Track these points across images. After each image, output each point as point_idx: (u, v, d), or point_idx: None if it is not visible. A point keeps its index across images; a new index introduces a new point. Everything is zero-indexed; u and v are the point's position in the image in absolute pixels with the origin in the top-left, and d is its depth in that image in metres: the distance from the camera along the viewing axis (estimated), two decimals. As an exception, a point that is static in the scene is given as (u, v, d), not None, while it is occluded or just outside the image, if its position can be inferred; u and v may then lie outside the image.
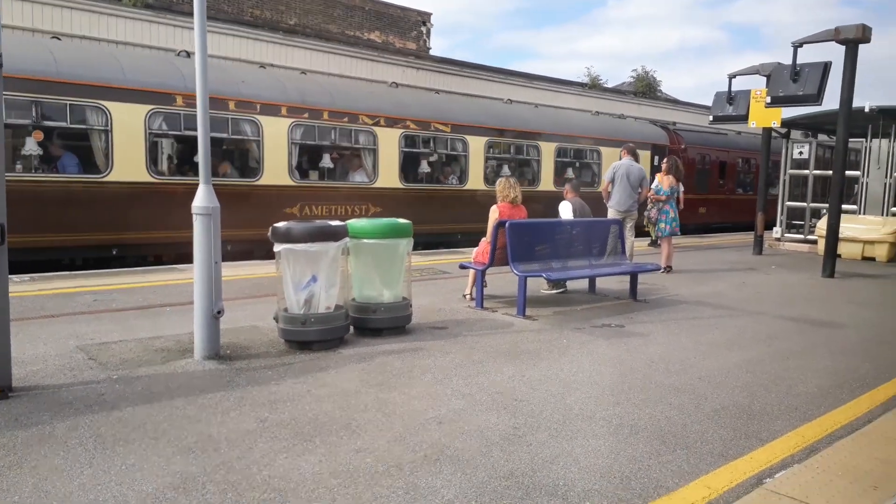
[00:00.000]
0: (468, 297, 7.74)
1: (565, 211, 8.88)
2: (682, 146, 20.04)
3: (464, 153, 14.34)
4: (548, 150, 15.86)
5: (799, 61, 11.10)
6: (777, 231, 15.48)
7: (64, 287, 7.77)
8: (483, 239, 7.78)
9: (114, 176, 9.92)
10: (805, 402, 4.51)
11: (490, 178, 14.42)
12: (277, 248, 5.22)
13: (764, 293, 9.02)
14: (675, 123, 21.31)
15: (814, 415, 4.26)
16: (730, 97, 13.70)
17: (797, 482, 3.28)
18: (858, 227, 13.16)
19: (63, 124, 9.66)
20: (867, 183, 14.14)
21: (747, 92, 13.35)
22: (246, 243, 10.46)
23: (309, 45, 19.67)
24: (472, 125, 14.42)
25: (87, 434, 3.58)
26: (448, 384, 4.61)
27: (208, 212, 4.96)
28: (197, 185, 5.04)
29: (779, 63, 11.79)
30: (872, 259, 12.92)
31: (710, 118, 14.72)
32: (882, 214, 13.75)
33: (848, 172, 12.52)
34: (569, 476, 3.27)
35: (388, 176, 12.97)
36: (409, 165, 13.54)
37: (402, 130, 13.16)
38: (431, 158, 14.12)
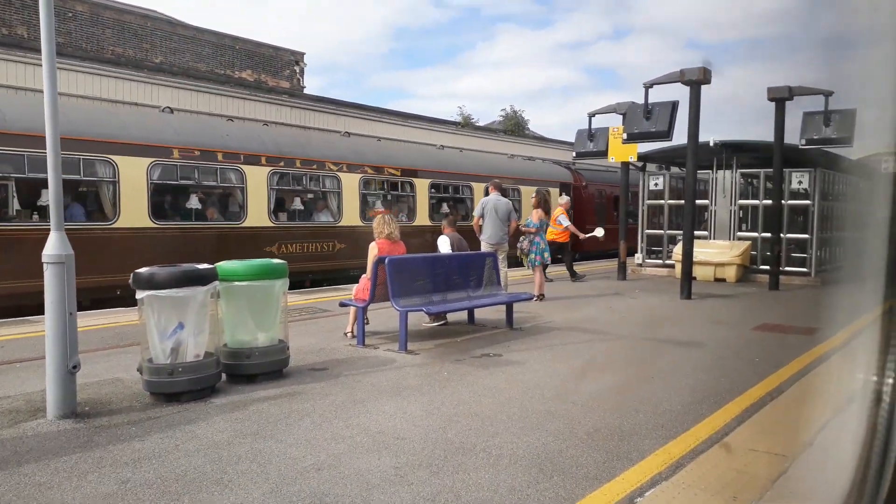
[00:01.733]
0: (349, 335, 7.64)
1: (443, 245, 9.05)
2: (584, 183, 22.23)
3: (412, 193, 16.05)
4: (479, 189, 17.40)
5: (651, 100, 12.01)
6: (639, 257, 16.48)
7: None
8: (363, 276, 7.73)
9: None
10: (671, 419, 4.77)
11: (432, 216, 16.11)
12: (140, 294, 4.93)
13: (630, 317, 9.53)
14: (574, 163, 22.72)
15: (679, 431, 4.51)
16: (590, 134, 14.59)
17: (664, 499, 3.45)
18: (710, 251, 14.28)
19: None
20: (715, 210, 15.41)
21: (606, 129, 14.26)
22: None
23: (176, 83, 18.96)
24: (415, 168, 16.22)
25: (-86, 515, 3.17)
26: (327, 428, 4.49)
27: (61, 260, 4.62)
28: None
29: (633, 102, 12.70)
30: (723, 280, 14.03)
31: (574, 154, 15.57)
32: (729, 239, 15.00)
33: (698, 201, 13.62)
34: (450, 512, 3.26)
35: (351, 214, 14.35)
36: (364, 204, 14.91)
37: (361, 175, 14.68)
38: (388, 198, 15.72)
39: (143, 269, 5.02)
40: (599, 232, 14.11)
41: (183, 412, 4.81)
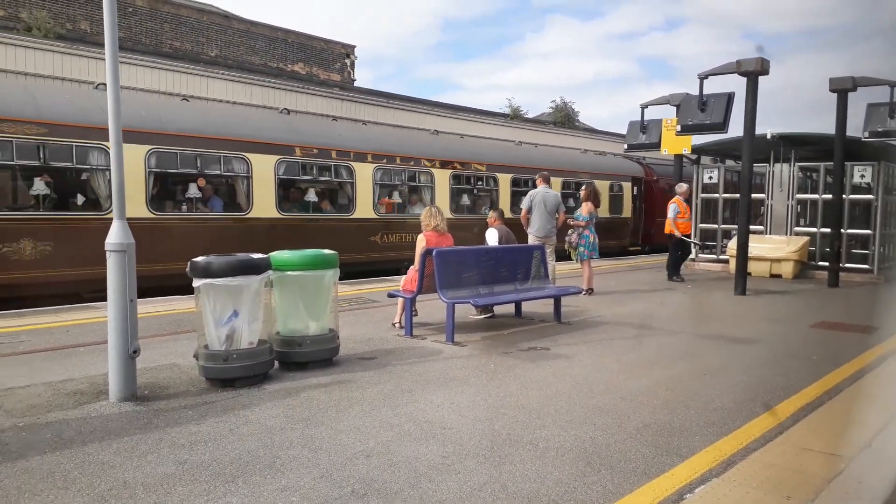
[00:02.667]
0: (397, 325, 7.72)
1: (491, 238, 9.04)
2: (655, 178, 22.41)
3: (495, 188, 16.66)
4: (556, 184, 17.67)
5: (705, 91, 11.73)
6: (692, 252, 16.14)
7: (-35, 331, 7.30)
8: (412, 267, 7.80)
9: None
10: (722, 416, 4.69)
11: (513, 209, 15.79)
12: (196, 283, 5.08)
13: (681, 312, 9.37)
14: (645, 158, 22.79)
15: (730, 429, 4.43)
16: (643, 126, 14.33)
17: (715, 496, 3.40)
18: (766, 246, 13.89)
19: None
20: (772, 205, 14.98)
21: (659, 121, 14.00)
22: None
23: (231, 76, 19.37)
24: (498, 164, 16.84)
25: (-12, 488, 3.36)
26: (376, 416, 4.56)
27: (123, 248, 4.79)
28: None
29: (687, 93, 12.43)
30: (779, 276, 13.65)
31: (625, 146, 15.32)
32: (786, 234, 14.57)
33: (754, 195, 13.26)
34: (497, 503, 3.28)
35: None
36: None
37: (451, 170, 15.52)
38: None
39: (199, 258, 5.17)
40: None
41: (237, 398, 4.95)
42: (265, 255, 5.50)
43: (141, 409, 4.64)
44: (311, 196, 12.97)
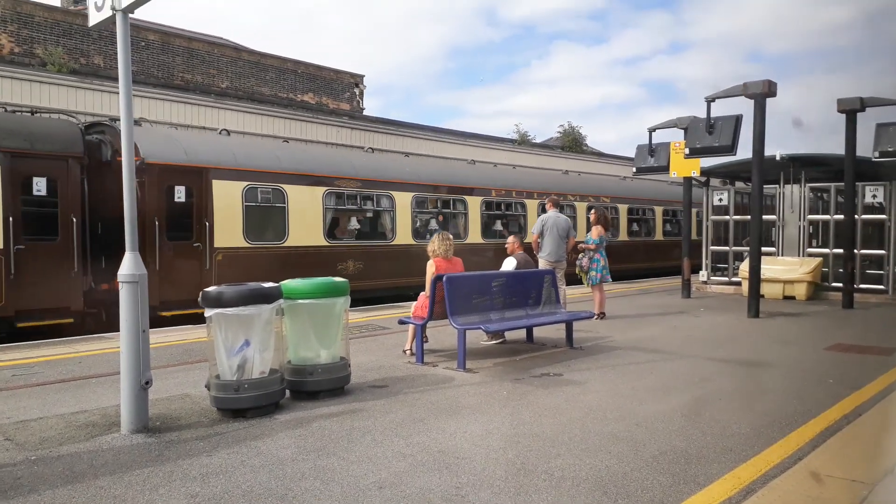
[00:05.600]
0: (408, 352, 7.68)
1: (509, 266, 8.97)
2: None
3: (523, 213, 17.43)
4: (623, 210, 20.51)
5: (713, 114, 11.76)
6: (703, 274, 16.06)
7: (-22, 363, 7.33)
8: (422, 293, 7.79)
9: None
10: (739, 442, 4.62)
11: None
12: (208, 312, 5.08)
13: (695, 336, 9.28)
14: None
15: (748, 455, 4.36)
16: (651, 149, 14.36)
17: (735, 524, 3.33)
18: (778, 268, 13.80)
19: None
20: (783, 226, 14.90)
21: (667, 144, 14.01)
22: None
23: (242, 107, 19.61)
24: (531, 191, 17.66)
25: (0, 523, 3.34)
26: (389, 445, 4.52)
27: (135, 279, 4.81)
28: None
29: (694, 116, 12.46)
30: (793, 298, 13.52)
31: (634, 170, 15.33)
32: (798, 255, 14.47)
33: (765, 217, 13.21)
34: (512, 534, 3.23)
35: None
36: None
37: (483, 198, 16.38)
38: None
39: (211, 288, 5.19)
40: None
41: (248, 428, 4.92)
42: (276, 284, 5.51)
43: (152, 441, 4.62)
44: (433, 225, 15.03)
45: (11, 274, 9.42)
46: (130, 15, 4.94)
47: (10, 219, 9.44)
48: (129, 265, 4.83)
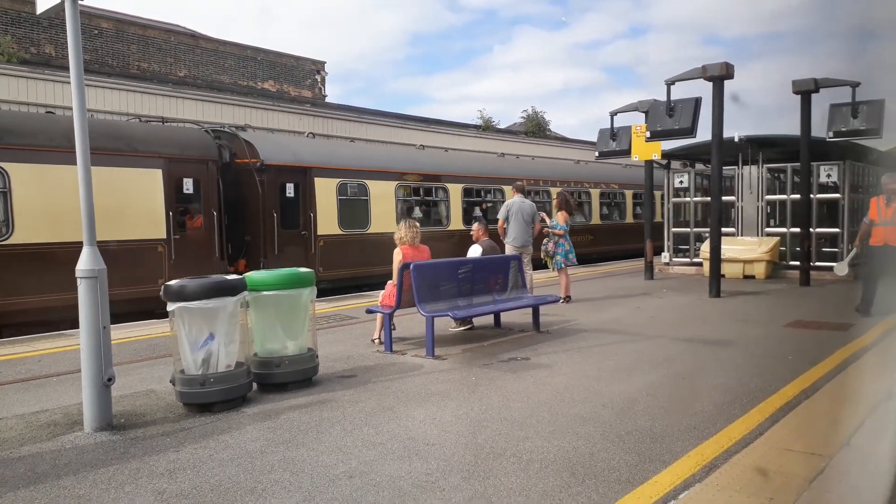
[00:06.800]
0: (377, 341, 7.67)
1: (475, 253, 8.99)
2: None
3: (549, 200, 18.69)
4: (629, 196, 22.51)
5: (673, 97, 11.89)
6: (665, 256, 16.32)
7: (-68, 365, 7.11)
8: (389, 282, 7.77)
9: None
10: (702, 420, 4.72)
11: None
12: (171, 307, 5.00)
13: (658, 316, 9.44)
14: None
15: (711, 432, 4.46)
16: (613, 133, 14.49)
17: (699, 502, 3.42)
18: (738, 248, 14.08)
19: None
20: (742, 207, 15.21)
21: (628, 128, 14.14)
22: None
23: (201, 96, 19.21)
24: (555, 179, 19.75)
25: (-40, 528, 3.26)
26: (358, 435, 4.52)
27: (94, 274, 4.71)
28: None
29: (655, 100, 12.59)
30: (752, 277, 13.83)
31: (597, 154, 15.47)
32: (757, 235, 14.79)
33: (724, 198, 13.45)
34: (483, 518, 3.26)
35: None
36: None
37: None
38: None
39: (173, 282, 5.10)
40: None
41: (215, 422, 4.87)
42: (240, 276, 5.44)
43: (117, 439, 4.54)
44: (477, 212, 16.67)
45: (172, 258, 11.14)
46: (81, 2, 4.79)
47: (170, 213, 11.17)
48: (87, 260, 4.72)
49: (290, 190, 12.90)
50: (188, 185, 11.59)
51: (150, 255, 10.84)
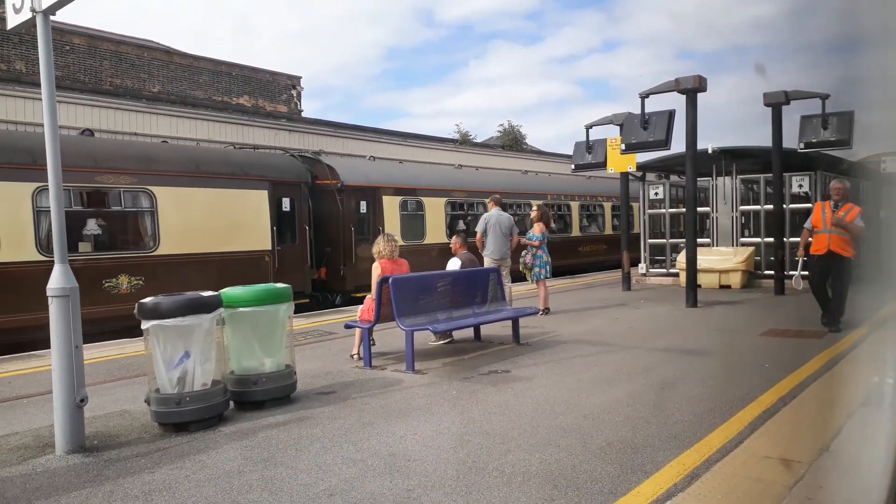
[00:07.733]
0: (356, 356, 7.61)
1: (454, 266, 8.97)
2: None
3: (569, 213, 21.35)
4: (607, 208, 23.37)
5: (647, 110, 12.03)
6: (642, 267, 16.45)
7: None
8: (368, 296, 7.72)
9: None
10: (683, 429, 4.74)
11: (581, 228, 21.68)
12: (145, 325, 4.91)
13: (636, 327, 9.49)
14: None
15: (692, 441, 4.47)
16: (588, 146, 14.61)
17: (681, 510, 3.41)
18: (713, 258, 14.23)
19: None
20: (717, 217, 15.40)
21: (604, 140, 14.28)
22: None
23: (175, 112, 19.03)
24: (573, 194, 21.72)
25: (-76, 557, 3.14)
26: (338, 452, 4.46)
27: (66, 293, 4.61)
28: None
29: (629, 112, 12.72)
30: (728, 286, 13.98)
31: (573, 167, 15.59)
32: (733, 245, 14.97)
33: (699, 209, 13.61)
34: (465, 533, 3.22)
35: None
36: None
37: (542, 201, 18.29)
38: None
39: (147, 299, 5.01)
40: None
41: (192, 442, 4.78)
42: (215, 293, 5.36)
43: (90, 461, 4.43)
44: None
45: (275, 266, 12.78)
46: (52, 17, 4.73)
47: (274, 228, 12.90)
48: (58, 278, 4.62)
49: (363, 207, 14.82)
50: (286, 204, 13.35)
51: (259, 264, 12.61)
